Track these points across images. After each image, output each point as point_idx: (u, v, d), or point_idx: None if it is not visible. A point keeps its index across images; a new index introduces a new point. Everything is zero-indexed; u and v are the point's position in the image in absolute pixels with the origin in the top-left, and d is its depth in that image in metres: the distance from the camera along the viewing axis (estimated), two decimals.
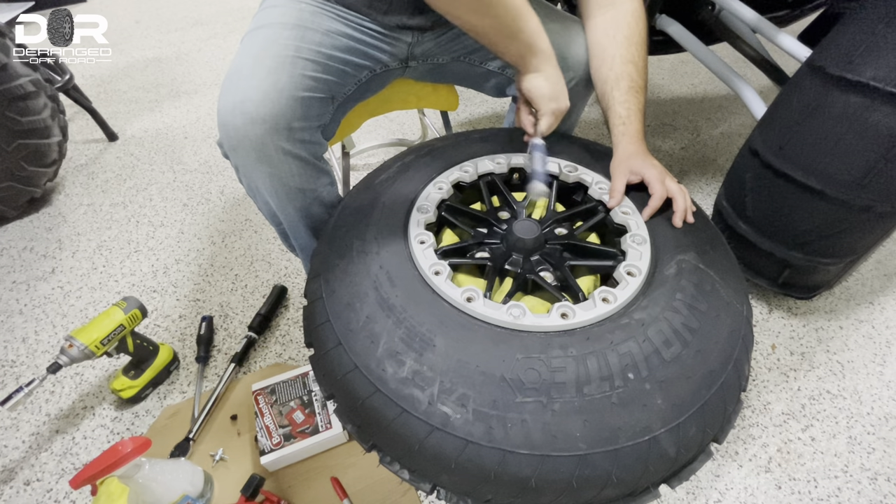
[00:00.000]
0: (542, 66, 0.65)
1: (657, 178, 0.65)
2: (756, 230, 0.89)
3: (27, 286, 1.14)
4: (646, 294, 0.55)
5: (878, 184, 0.72)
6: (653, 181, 0.64)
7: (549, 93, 0.65)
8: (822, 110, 0.74)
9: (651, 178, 0.65)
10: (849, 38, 0.72)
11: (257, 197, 0.73)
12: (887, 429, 0.86)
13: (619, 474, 0.46)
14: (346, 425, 0.55)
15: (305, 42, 0.65)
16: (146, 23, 2.71)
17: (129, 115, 1.82)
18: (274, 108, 0.60)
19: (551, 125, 0.68)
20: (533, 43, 0.62)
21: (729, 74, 1.01)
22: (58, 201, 1.41)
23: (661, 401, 0.47)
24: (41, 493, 0.78)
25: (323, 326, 0.55)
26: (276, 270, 1.17)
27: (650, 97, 1.87)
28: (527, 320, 0.51)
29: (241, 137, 0.61)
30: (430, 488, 0.51)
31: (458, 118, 1.79)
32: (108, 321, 0.82)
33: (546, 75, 0.65)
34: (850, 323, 1.04)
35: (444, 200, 0.67)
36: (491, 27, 0.59)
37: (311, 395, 0.82)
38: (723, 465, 0.81)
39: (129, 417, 0.88)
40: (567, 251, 0.65)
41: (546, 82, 0.65)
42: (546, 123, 0.67)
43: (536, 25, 0.62)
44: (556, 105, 0.66)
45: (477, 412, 0.46)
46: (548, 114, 0.66)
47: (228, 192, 1.43)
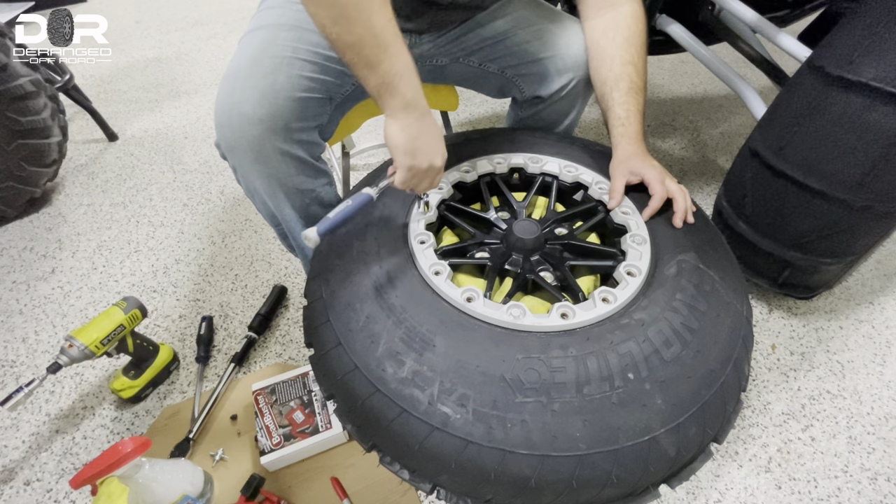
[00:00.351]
0: (399, 112, 0.55)
1: (657, 178, 0.65)
2: (756, 230, 0.89)
3: (27, 286, 1.14)
4: (646, 294, 0.55)
5: (878, 184, 0.72)
6: (652, 182, 0.64)
7: (402, 144, 0.55)
8: (822, 110, 0.74)
9: (651, 178, 0.65)
10: (849, 38, 0.72)
11: (255, 197, 0.73)
12: (887, 429, 0.86)
13: (619, 474, 0.46)
14: (346, 425, 0.55)
15: (303, 43, 0.65)
16: (146, 23, 2.71)
17: (129, 115, 1.82)
18: (271, 108, 0.60)
19: (406, 181, 0.57)
20: (392, 83, 0.53)
21: (729, 74, 1.01)
22: (58, 201, 1.41)
23: (660, 401, 0.47)
24: (41, 493, 0.78)
25: (323, 326, 0.55)
26: (276, 270, 1.17)
27: (650, 97, 1.87)
28: (527, 320, 0.51)
29: (239, 138, 0.61)
30: (430, 488, 0.51)
31: (458, 118, 1.79)
32: (108, 321, 0.82)
33: (403, 125, 0.55)
34: (850, 323, 1.04)
35: (444, 200, 0.67)
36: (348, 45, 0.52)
37: (311, 395, 0.82)
38: (723, 465, 0.81)
39: (129, 417, 0.88)
40: (567, 251, 0.65)
41: (401, 133, 0.55)
42: (400, 178, 0.57)
43: (403, 66, 0.53)
44: (412, 161, 0.56)
45: (477, 412, 0.46)
46: (402, 168, 0.56)
47: (228, 192, 1.43)
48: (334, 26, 0.50)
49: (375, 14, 0.50)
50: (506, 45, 0.78)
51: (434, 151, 0.57)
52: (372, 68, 0.52)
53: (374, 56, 0.51)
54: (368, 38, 0.51)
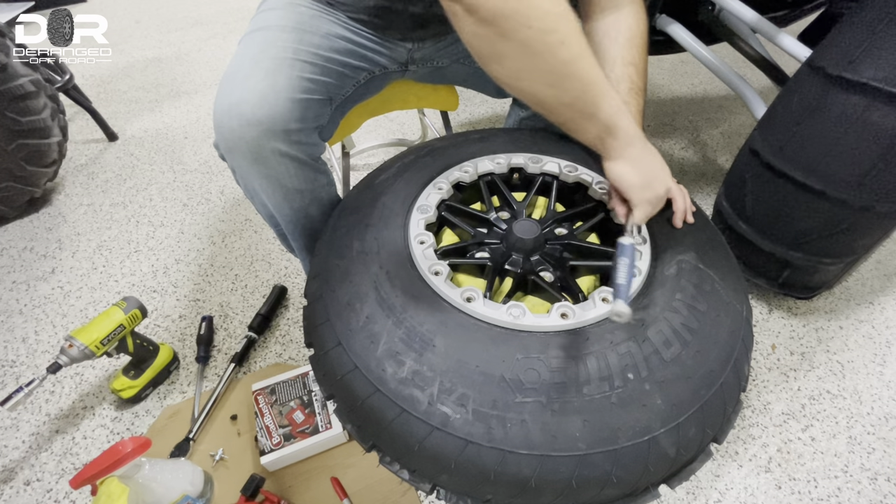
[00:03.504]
0: (626, 149, 0.54)
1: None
2: (756, 230, 0.89)
3: (27, 286, 1.14)
4: (645, 294, 0.55)
5: (878, 184, 0.72)
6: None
7: (638, 181, 0.55)
8: (822, 110, 0.74)
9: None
10: (849, 38, 0.72)
11: (255, 198, 0.73)
12: (887, 429, 0.86)
13: (619, 474, 0.46)
14: (345, 425, 0.55)
15: (303, 44, 0.65)
16: (146, 23, 2.71)
17: (129, 115, 1.82)
18: (271, 110, 0.60)
19: (648, 215, 0.57)
20: (613, 124, 0.52)
21: (729, 74, 1.01)
22: (58, 201, 1.41)
23: (660, 401, 0.47)
24: (41, 493, 0.78)
25: (323, 326, 0.55)
26: (276, 270, 1.17)
27: (650, 97, 1.87)
28: (527, 320, 0.51)
29: (237, 139, 0.61)
30: (430, 488, 0.51)
31: (458, 118, 1.79)
32: (108, 321, 0.82)
33: (632, 161, 0.55)
34: (850, 323, 1.04)
35: (444, 200, 0.67)
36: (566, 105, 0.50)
37: (311, 395, 0.82)
38: (723, 465, 0.81)
39: (129, 417, 0.88)
40: (567, 251, 0.65)
41: (633, 169, 0.55)
42: (641, 214, 0.56)
43: (617, 103, 0.52)
44: (652, 193, 0.56)
45: (477, 412, 0.46)
46: (641, 204, 0.56)
47: (228, 192, 1.43)
48: (550, 90, 0.48)
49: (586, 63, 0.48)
50: None
51: (664, 174, 0.57)
52: (591, 118, 0.51)
53: (593, 105, 0.50)
54: (586, 90, 0.49)
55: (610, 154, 0.55)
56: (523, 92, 0.50)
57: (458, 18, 0.46)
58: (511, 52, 0.45)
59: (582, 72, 0.48)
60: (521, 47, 0.44)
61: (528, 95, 0.50)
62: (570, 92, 0.48)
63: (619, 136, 0.53)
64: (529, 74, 0.47)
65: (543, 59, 0.45)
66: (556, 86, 0.48)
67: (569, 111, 0.51)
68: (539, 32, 0.43)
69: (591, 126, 0.52)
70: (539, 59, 0.45)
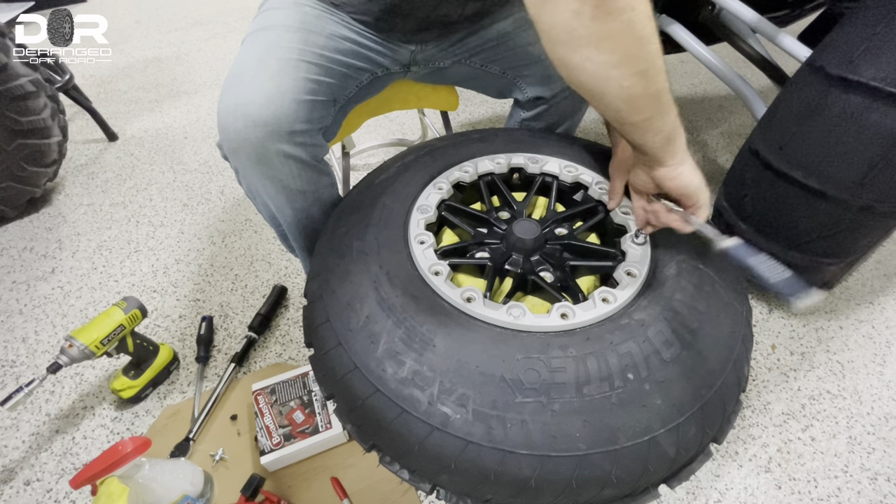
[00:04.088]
0: (686, 154, 0.53)
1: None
2: (756, 230, 0.89)
3: (27, 286, 1.14)
4: (645, 294, 0.55)
5: (878, 184, 0.72)
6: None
7: (701, 181, 0.54)
8: (822, 110, 0.74)
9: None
10: (849, 38, 0.72)
11: (257, 199, 0.73)
12: (887, 429, 0.86)
13: (619, 474, 0.46)
14: (345, 425, 0.55)
15: (309, 45, 0.65)
16: (146, 23, 2.71)
17: (129, 115, 1.82)
18: (276, 111, 0.60)
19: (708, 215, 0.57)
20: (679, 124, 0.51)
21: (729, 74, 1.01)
22: (58, 201, 1.41)
23: (660, 401, 0.47)
24: (41, 493, 0.78)
25: (323, 326, 0.55)
26: (276, 270, 1.17)
27: None
28: (526, 320, 0.51)
29: (242, 140, 0.61)
30: (430, 488, 0.51)
31: (458, 118, 1.79)
32: (108, 321, 0.82)
33: (693, 163, 0.54)
34: (850, 323, 1.04)
35: (444, 200, 0.67)
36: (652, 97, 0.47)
37: (311, 395, 0.82)
38: (723, 465, 0.81)
39: (129, 417, 0.88)
40: (567, 251, 0.65)
41: (696, 172, 0.54)
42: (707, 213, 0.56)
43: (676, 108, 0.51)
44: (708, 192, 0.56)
45: (477, 412, 0.46)
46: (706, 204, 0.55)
47: (228, 192, 1.43)
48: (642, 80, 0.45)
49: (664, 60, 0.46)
50: (508, 47, 0.78)
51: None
52: (667, 114, 0.49)
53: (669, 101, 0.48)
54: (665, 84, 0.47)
55: (675, 158, 0.52)
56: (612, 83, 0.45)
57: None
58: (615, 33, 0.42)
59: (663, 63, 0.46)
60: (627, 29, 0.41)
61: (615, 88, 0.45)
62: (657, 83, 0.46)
63: (681, 138, 0.52)
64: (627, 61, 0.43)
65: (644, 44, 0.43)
66: (649, 75, 0.45)
67: (653, 106, 0.48)
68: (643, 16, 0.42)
69: (666, 123, 0.49)
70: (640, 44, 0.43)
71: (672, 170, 0.53)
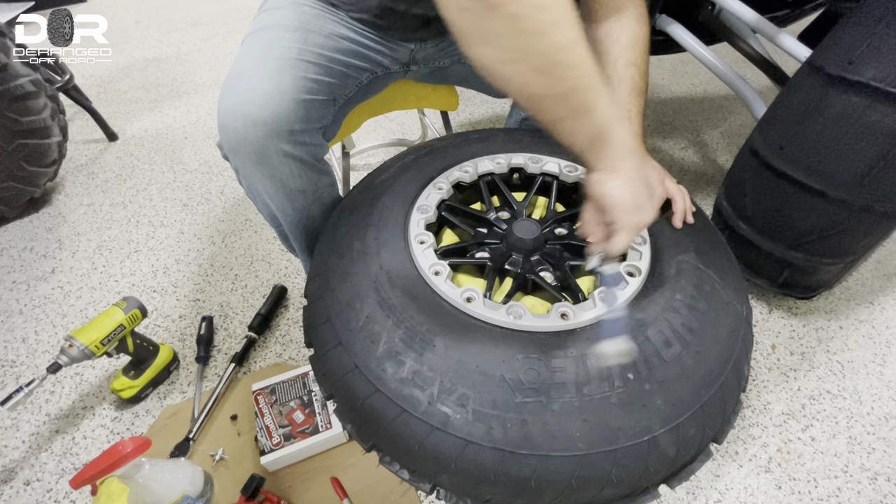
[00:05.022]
0: (620, 162, 0.47)
1: (656, 179, 0.65)
2: (756, 230, 0.89)
3: (27, 286, 1.14)
4: (645, 294, 0.55)
5: (878, 184, 0.72)
6: (652, 182, 0.64)
7: (629, 201, 0.47)
8: (822, 110, 0.74)
9: (650, 179, 0.65)
10: (849, 38, 0.72)
11: (257, 199, 0.73)
12: (887, 429, 0.86)
13: (619, 474, 0.46)
14: (345, 425, 0.55)
15: (308, 45, 0.65)
16: (146, 23, 2.71)
17: (129, 115, 1.82)
18: (276, 110, 0.60)
19: (627, 244, 0.49)
20: (610, 128, 0.46)
21: (729, 74, 1.01)
22: (58, 201, 1.41)
23: (660, 401, 0.47)
24: (41, 493, 0.78)
25: (323, 326, 0.55)
26: (276, 270, 1.17)
27: (650, 97, 1.87)
28: (526, 321, 0.51)
29: (242, 140, 0.61)
30: (430, 488, 0.51)
31: (458, 118, 1.79)
32: (108, 321, 0.82)
33: (626, 176, 0.48)
34: (850, 323, 1.04)
35: (444, 200, 0.67)
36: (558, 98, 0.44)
37: (311, 395, 0.82)
38: (723, 465, 0.81)
39: (129, 417, 0.88)
40: (567, 251, 0.65)
41: (626, 186, 0.47)
42: (623, 241, 0.49)
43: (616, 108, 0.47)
44: (640, 217, 0.49)
45: (477, 412, 0.46)
46: (627, 228, 0.48)
47: (228, 192, 1.43)
48: (542, 77, 0.42)
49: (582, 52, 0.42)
50: None
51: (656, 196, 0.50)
52: (585, 117, 0.45)
53: (588, 102, 0.44)
54: (581, 81, 0.43)
55: (600, 163, 0.48)
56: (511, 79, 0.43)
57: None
58: (500, 28, 0.40)
59: (577, 60, 0.42)
60: (511, 23, 0.39)
61: (515, 85, 0.44)
62: (564, 81, 0.42)
63: (614, 145, 0.47)
64: (519, 56, 0.41)
65: (535, 39, 0.40)
66: (548, 72, 0.42)
67: (560, 106, 0.44)
68: (531, 7, 0.39)
69: (583, 127, 0.46)
70: (530, 39, 0.40)
71: (597, 176, 0.49)
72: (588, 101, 0.44)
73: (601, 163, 0.48)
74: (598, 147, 0.47)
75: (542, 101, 0.44)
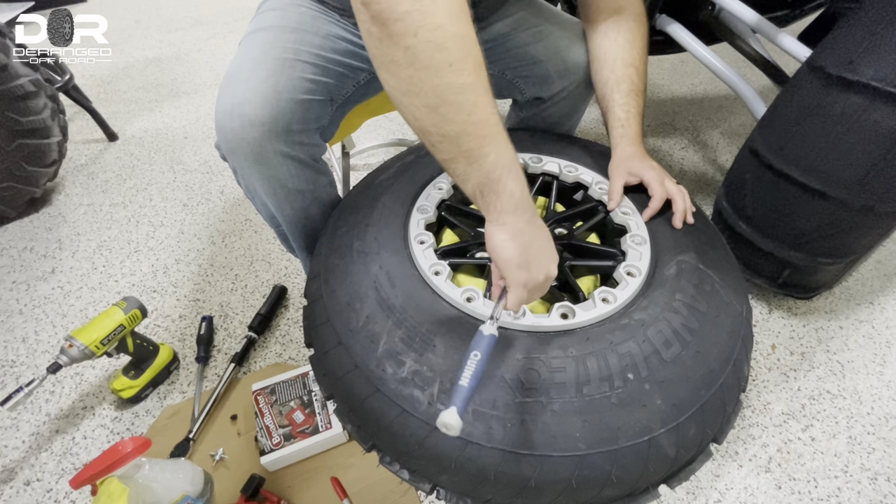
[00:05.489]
0: (507, 215, 0.46)
1: (656, 179, 0.65)
2: (756, 230, 0.89)
3: (27, 286, 1.14)
4: (646, 294, 0.55)
5: (878, 184, 0.72)
6: (652, 182, 0.65)
7: (515, 257, 0.46)
8: (822, 110, 0.74)
9: (650, 179, 0.65)
10: (849, 38, 0.72)
11: (256, 199, 0.73)
12: (887, 429, 0.86)
13: (619, 474, 0.46)
14: (345, 425, 0.55)
15: (305, 45, 0.65)
16: (146, 23, 2.71)
17: (129, 115, 1.82)
18: (273, 110, 0.60)
19: (521, 301, 0.47)
20: (499, 178, 0.44)
21: (729, 74, 1.01)
22: (58, 201, 1.41)
23: (660, 401, 0.47)
24: (41, 493, 0.78)
25: (323, 326, 0.55)
26: (276, 270, 1.17)
27: (650, 97, 1.87)
28: (526, 320, 0.51)
29: (239, 140, 0.61)
30: (430, 488, 0.51)
31: None
32: (108, 321, 0.82)
33: (512, 231, 0.46)
34: (850, 323, 1.04)
35: (444, 200, 0.67)
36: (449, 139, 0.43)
37: (311, 395, 0.82)
38: (723, 465, 0.81)
39: (129, 417, 0.88)
40: (567, 251, 0.65)
41: (511, 242, 0.46)
42: (514, 298, 0.47)
43: (510, 158, 0.45)
44: (529, 276, 0.46)
45: (477, 412, 0.46)
46: (515, 286, 0.46)
47: (228, 192, 1.43)
48: (432, 115, 0.42)
49: (481, 99, 0.42)
50: (506, 48, 0.78)
51: (549, 258, 0.48)
52: (474, 162, 0.44)
53: (479, 148, 0.43)
54: (472, 128, 0.42)
55: (489, 214, 0.47)
56: (405, 109, 0.43)
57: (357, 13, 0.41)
58: (398, 58, 0.40)
59: (471, 105, 0.42)
60: (408, 55, 0.39)
61: (409, 115, 0.43)
62: (454, 124, 0.42)
63: (503, 197, 0.45)
64: (412, 89, 0.41)
65: (428, 76, 0.40)
66: (438, 112, 0.41)
67: (452, 148, 0.43)
68: (425, 44, 0.39)
69: (473, 173, 0.44)
70: (423, 75, 0.40)
71: (488, 227, 0.47)
72: (480, 148, 0.43)
73: (490, 214, 0.47)
74: (489, 197, 0.45)
75: (432, 138, 0.44)
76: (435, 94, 0.41)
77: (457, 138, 0.43)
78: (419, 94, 0.41)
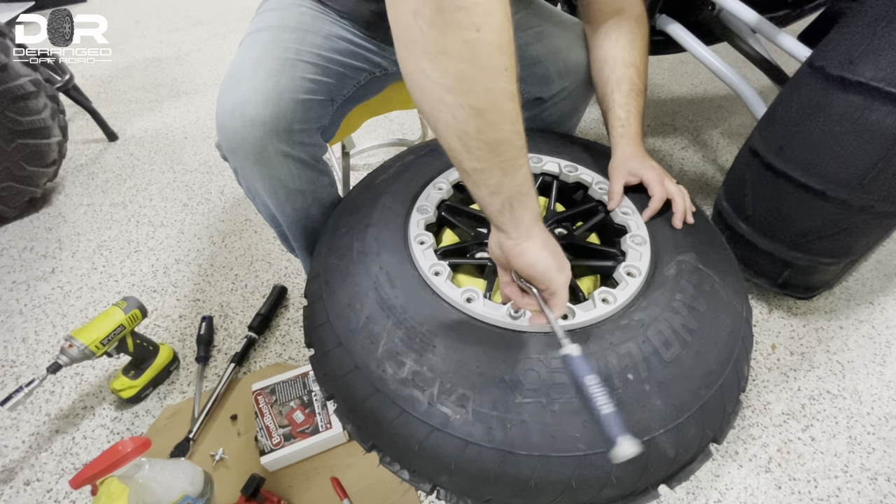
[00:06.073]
0: (534, 228, 0.45)
1: (656, 179, 0.65)
2: (756, 230, 0.89)
3: (27, 286, 1.14)
4: (645, 295, 0.55)
5: (878, 184, 0.72)
6: (652, 182, 0.65)
7: (553, 263, 0.45)
8: (822, 110, 0.74)
9: (650, 179, 0.65)
10: (849, 38, 0.72)
11: (256, 199, 0.73)
12: (887, 429, 0.86)
13: (619, 475, 0.46)
14: (346, 425, 0.55)
15: (306, 45, 0.65)
16: (146, 23, 2.71)
17: (129, 115, 1.82)
18: (274, 110, 0.60)
19: (566, 301, 0.47)
20: (528, 192, 0.44)
21: (729, 74, 1.01)
22: (58, 201, 1.41)
23: (660, 401, 0.47)
24: (41, 493, 0.78)
25: (323, 327, 0.55)
26: (276, 270, 1.17)
27: (650, 97, 1.87)
28: (527, 321, 0.51)
29: (241, 140, 0.61)
30: (430, 488, 0.51)
31: None
32: (108, 321, 0.82)
33: (542, 241, 0.46)
34: (850, 323, 1.04)
35: (444, 200, 0.67)
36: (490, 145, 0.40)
37: (311, 395, 0.82)
38: (723, 465, 0.81)
39: (129, 417, 0.88)
40: (567, 251, 0.65)
41: (545, 251, 0.45)
42: (561, 301, 0.47)
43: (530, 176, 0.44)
44: (566, 275, 0.46)
45: (477, 413, 0.46)
46: (561, 290, 0.46)
47: (228, 192, 1.43)
48: (477, 119, 0.38)
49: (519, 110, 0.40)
50: None
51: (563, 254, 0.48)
52: (510, 174, 0.42)
53: (516, 159, 0.41)
54: (514, 137, 0.40)
55: (517, 229, 0.45)
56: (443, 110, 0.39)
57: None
58: (453, 51, 0.36)
59: (515, 115, 0.40)
60: (464, 50, 0.36)
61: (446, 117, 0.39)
62: (500, 132, 0.39)
63: (530, 210, 0.45)
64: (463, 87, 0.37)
65: (483, 77, 0.37)
66: (485, 116, 0.38)
67: (490, 157, 0.40)
68: (487, 43, 0.36)
69: (507, 185, 0.42)
70: (480, 74, 0.37)
71: (516, 244, 0.45)
72: (517, 159, 0.42)
73: (518, 228, 0.45)
74: (518, 210, 0.44)
75: (473, 144, 0.40)
76: (487, 98, 0.38)
77: (498, 146, 0.40)
78: (468, 93, 0.37)
